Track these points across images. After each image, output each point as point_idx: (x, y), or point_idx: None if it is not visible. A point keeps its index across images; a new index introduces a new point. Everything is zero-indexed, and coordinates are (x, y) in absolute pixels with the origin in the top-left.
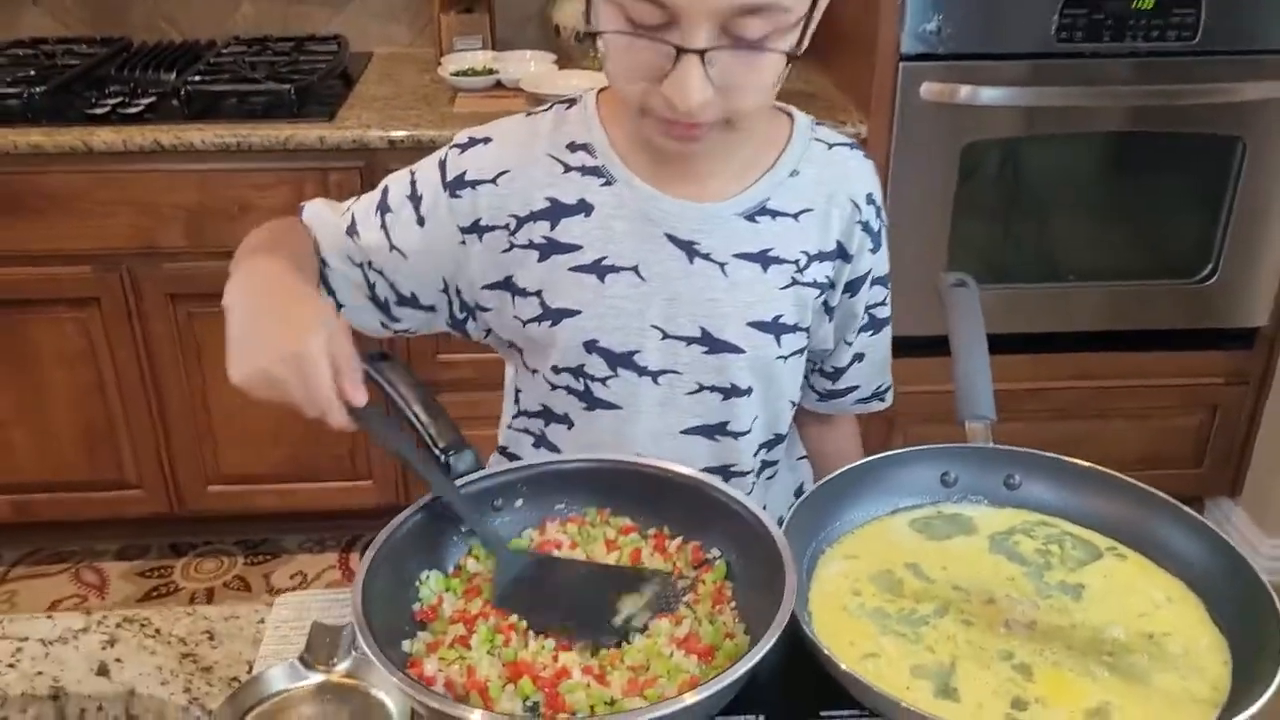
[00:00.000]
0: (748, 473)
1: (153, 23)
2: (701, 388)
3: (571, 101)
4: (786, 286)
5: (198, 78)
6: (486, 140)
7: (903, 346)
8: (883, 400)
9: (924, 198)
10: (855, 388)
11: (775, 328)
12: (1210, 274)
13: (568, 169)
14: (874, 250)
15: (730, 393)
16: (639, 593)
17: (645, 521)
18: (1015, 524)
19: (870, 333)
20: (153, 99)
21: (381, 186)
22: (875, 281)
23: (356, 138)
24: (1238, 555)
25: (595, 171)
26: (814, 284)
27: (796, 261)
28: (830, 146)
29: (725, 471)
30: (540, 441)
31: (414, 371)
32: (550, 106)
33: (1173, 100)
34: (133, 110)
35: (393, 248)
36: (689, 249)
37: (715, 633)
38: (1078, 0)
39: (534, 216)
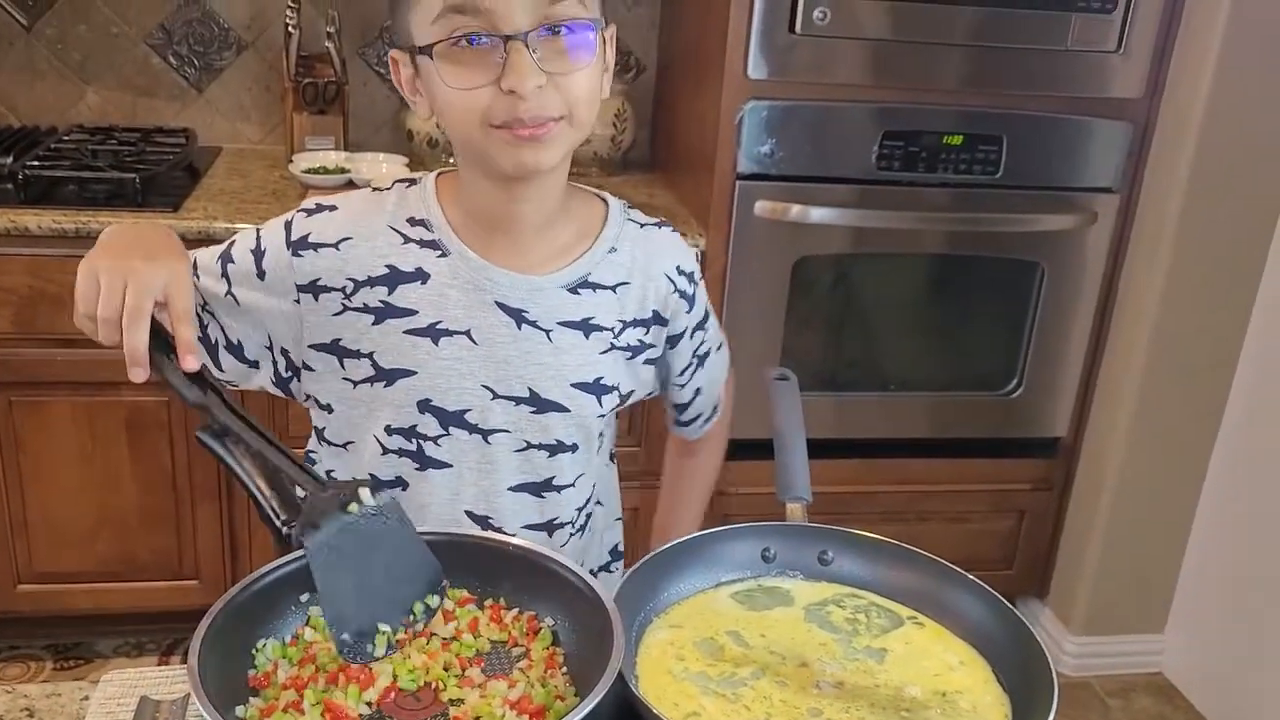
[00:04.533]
0: (567, 524)
1: None
2: (529, 445)
3: (412, 182)
4: (605, 351)
5: (36, 162)
6: (333, 208)
7: (737, 449)
8: (717, 412)
9: (758, 308)
10: (698, 416)
11: (596, 388)
12: (1016, 387)
13: (407, 240)
14: (689, 310)
15: (555, 449)
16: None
17: (482, 592)
18: (828, 596)
19: (700, 370)
20: None
21: (228, 241)
22: (695, 330)
23: (202, 228)
24: (1020, 622)
25: (432, 245)
26: (627, 347)
27: (613, 329)
28: (642, 226)
29: (549, 526)
30: None
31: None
32: (393, 185)
33: (980, 227)
34: None
35: (228, 293)
36: (518, 316)
37: (547, 695)
38: (895, 134)
39: (371, 282)
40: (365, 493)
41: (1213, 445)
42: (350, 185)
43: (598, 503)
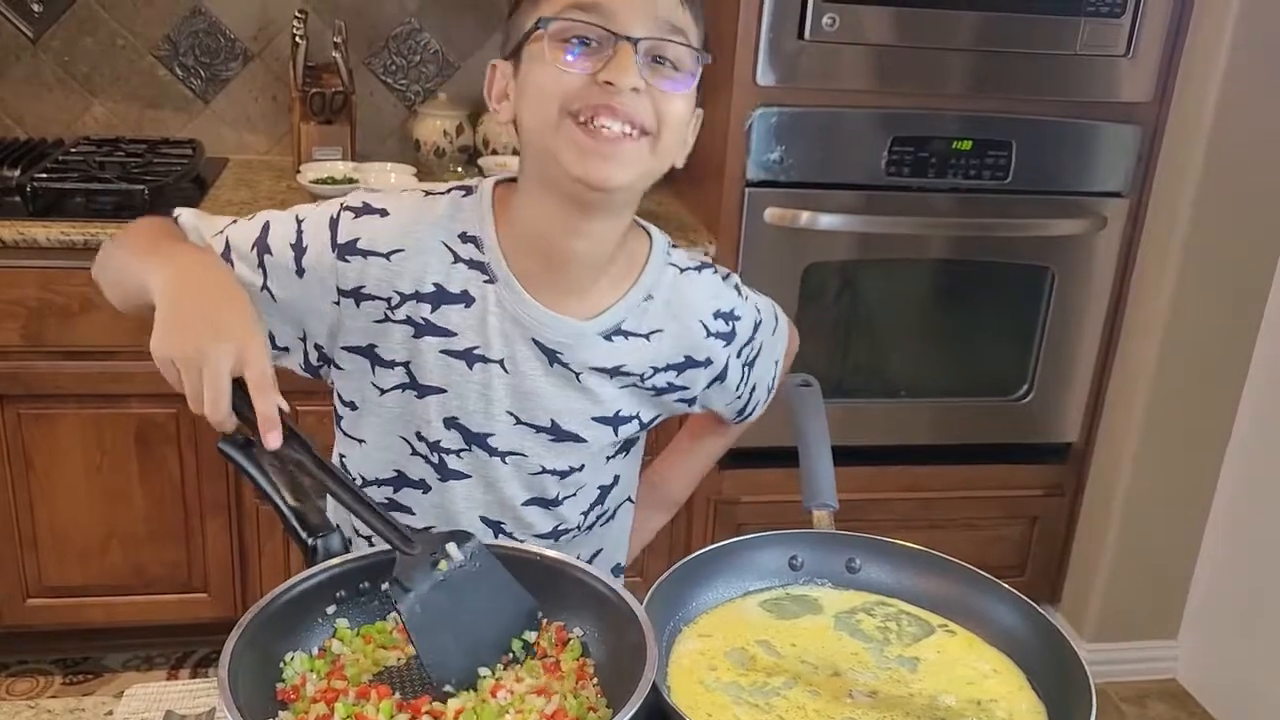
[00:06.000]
0: (572, 529)
1: None
2: (544, 470)
3: (469, 189)
4: (628, 388)
5: (44, 175)
6: (384, 212)
7: (747, 458)
8: (772, 391)
9: None
10: (756, 405)
11: (615, 420)
12: (1027, 393)
13: (457, 259)
14: (727, 344)
15: (568, 473)
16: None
17: None
18: (857, 604)
19: (752, 370)
20: None
21: (262, 223)
22: (743, 348)
23: None
24: (1053, 629)
25: (481, 267)
26: (653, 388)
27: (642, 374)
28: (682, 271)
29: (556, 532)
30: (389, 507)
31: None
32: (449, 190)
33: (989, 233)
34: None
35: (264, 287)
36: (551, 356)
37: (579, 706)
38: (905, 139)
39: (418, 297)
40: (453, 548)
41: (1225, 449)
42: None
43: (629, 500)
